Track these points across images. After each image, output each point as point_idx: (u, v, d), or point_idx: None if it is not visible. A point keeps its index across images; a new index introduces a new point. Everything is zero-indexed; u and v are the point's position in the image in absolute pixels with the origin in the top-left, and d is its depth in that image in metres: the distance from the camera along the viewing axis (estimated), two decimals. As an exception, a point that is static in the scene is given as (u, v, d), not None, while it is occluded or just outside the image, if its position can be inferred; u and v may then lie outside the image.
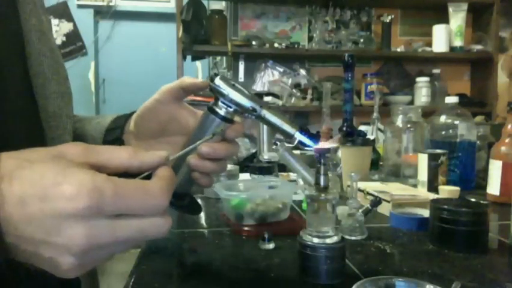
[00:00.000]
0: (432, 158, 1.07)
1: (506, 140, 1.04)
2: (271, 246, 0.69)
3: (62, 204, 0.32)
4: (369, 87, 2.66)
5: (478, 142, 1.23)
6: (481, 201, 0.88)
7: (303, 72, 2.77)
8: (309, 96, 2.62)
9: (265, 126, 1.54)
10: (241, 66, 2.77)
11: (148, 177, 0.38)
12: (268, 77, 2.80)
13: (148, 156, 0.39)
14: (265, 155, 1.33)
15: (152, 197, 0.35)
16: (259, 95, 2.57)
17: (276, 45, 2.61)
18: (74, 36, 3.74)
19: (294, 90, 2.65)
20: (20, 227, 0.33)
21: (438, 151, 1.09)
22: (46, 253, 0.33)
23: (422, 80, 2.73)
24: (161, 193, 0.36)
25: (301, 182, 1.02)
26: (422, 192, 1.01)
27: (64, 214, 0.32)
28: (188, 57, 2.67)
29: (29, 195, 0.32)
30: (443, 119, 1.23)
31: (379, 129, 1.56)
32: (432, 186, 1.05)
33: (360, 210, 0.76)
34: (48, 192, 0.32)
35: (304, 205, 0.96)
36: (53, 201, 0.32)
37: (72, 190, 0.32)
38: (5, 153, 0.35)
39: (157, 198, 0.35)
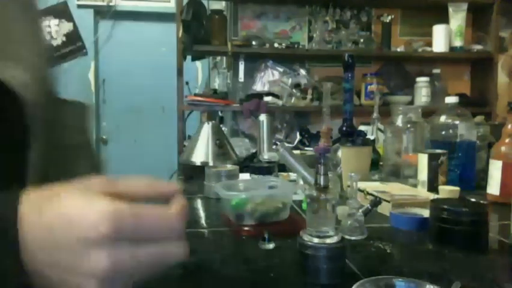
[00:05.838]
0: (432, 158, 1.07)
1: (506, 140, 1.04)
2: (271, 246, 0.69)
3: (86, 231, 0.34)
4: (369, 87, 2.65)
5: (478, 142, 1.23)
6: (481, 201, 0.88)
7: (303, 72, 2.77)
8: (309, 96, 2.61)
9: (265, 126, 1.54)
10: (241, 66, 2.77)
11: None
12: (268, 77, 2.80)
13: (164, 186, 0.41)
14: (265, 155, 1.33)
15: (170, 221, 0.37)
16: (259, 95, 2.57)
17: (276, 45, 2.60)
18: (74, 36, 3.73)
19: (294, 90, 2.65)
20: (46, 254, 0.35)
21: (438, 151, 1.09)
22: (73, 279, 0.35)
23: (422, 80, 2.72)
24: (178, 218, 0.38)
25: (301, 182, 1.02)
26: (422, 192, 1.01)
27: (88, 240, 0.34)
28: (188, 57, 2.66)
29: (56, 224, 0.34)
30: (443, 119, 1.23)
31: (379, 129, 1.56)
32: (432, 186, 1.05)
33: (360, 210, 0.76)
34: (74, 220, 0.34)
35: (304, 205, 0.96)
36: (78, 229, 0.34)
37: (95, 217, 0.34)
38: (33, 189, 0.37)
39: (174, 222, 0.38)
